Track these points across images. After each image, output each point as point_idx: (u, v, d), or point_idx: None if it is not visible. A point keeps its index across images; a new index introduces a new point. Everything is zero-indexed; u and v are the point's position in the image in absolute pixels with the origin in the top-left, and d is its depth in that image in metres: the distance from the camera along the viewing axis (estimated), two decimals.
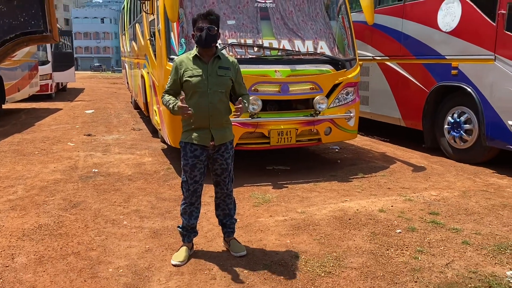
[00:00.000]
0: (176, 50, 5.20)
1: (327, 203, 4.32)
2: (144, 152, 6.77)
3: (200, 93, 2.90)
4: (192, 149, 2.97)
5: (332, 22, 5.97)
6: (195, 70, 2.91)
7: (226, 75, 2.96)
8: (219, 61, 2.96)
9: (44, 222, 3.80)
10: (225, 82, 2.96)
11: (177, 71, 2.98)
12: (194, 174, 3.02)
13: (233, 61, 3.05)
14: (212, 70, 2.92)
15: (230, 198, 3.22)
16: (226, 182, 3.13)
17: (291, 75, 5.22)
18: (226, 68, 2.96)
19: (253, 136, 5.21)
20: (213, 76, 2.91)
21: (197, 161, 2.99)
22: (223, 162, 3.06)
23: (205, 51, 2.94)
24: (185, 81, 2.93)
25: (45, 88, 15.39)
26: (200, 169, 3.02)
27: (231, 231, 3.28)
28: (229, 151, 3.08)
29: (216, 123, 2.95)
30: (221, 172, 3.09)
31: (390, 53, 7.15)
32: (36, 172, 5.54)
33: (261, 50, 5.38)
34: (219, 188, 3.17)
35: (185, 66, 2.94)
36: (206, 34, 2.86)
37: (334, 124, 5.43)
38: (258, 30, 5.51)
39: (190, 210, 3.14)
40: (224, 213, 3.25)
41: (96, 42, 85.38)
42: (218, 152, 3.03)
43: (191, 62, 2.95)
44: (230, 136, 3.08)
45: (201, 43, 2.90)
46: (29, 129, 9.01)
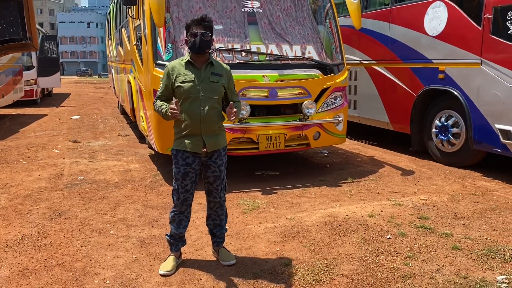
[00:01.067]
0: (162, 56, 5.14)
1: (317, 208, 4.29)
2: (131, 158, 6.67)
3: (192, 99, 2.85)
4: (184, 157, 2.92)
5: (320, 26, 5.97)
6: (187, 75, 2.86)
7: (219, 81, 2.91)
8: (212, 67, 2.92)
9: (28, 233, 3.71)
10: (218, 89, 2.91)
11: (169, 77, 2.92)
12: (185, 183, 2.95)
13: (226, 68, 3.01)
14: (204, 76, 2.88)
15: (222, 208, 3.15)
16: (219, 190, 3.06)
17: (279, 80, 5.20)
18: (218, 75, 2.92)
19: (242, 141, 5.17)
20: (206, 82, 2.87)
21: (189, 169, 2.92)
22: (216, 169, 2.99)
23: (198, 57, 2.91)
24: (177, 86, 2.87)
25: (30, 94, 15.16)
26: (191, 178, 2.95)
27: (221, 241, 3.21)
28: (222, 157, 3.02)
29: (208, 129, 2.90)
30: (214, 179, 3.02)
31: (377, 57, 7.17)
32: (20, 180, 5.42)
33: (248, 55, 5.34)
34: (211, 197, 3.09)
35: (177, 72, 2.89)
36: (200, 40, 2.81)
37: (323, 129, 5.41)
38: (245, 35, 5.48)
39: (179, 218, 3.07)
40: (215, 223, 3.18)
41: (82, 47, 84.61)
42: (211, 159, 2.97)
43: (183, 67, 2.90)
44: (223, 143, 3.03)
45: (195, 49, 2.86)
46: (13, 136, 8.84)
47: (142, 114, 6.30)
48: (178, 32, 5.27)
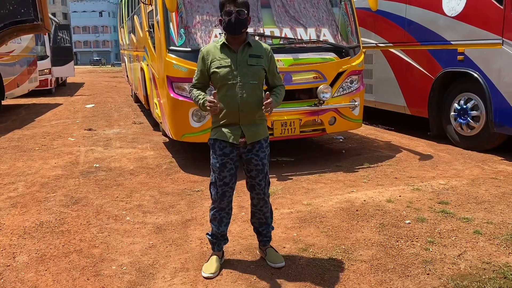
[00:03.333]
0: (175, 41, 5.08)
1: (333, 194, 4.23)
2: (146, 146, 6.68)
3: (229, 86, 2.60)
4: (221, 147, 2.68)
5: (335, 8, 5.83)
6: (223, 60, 2.61)
7: (258, 64, 2.64)
8: (249, 49, 2.65)
9: (45, 219, 3.73)
10: (257, 72, 2.64)
11: (204, 62, 2.68)
12: (223, 175, 2.70)
13: (266, 48, 2.72)
14: (242, 59, 2.62)
15: (267, 205, 2.88)
16: (263, 185, 2.78)
17: (293, 64, 5.10)
18: (257, 56, 2.64)
19: None
20: (243, 66, 2.61)
21: (227, 160, 2.68)
22: (259, 163, 2.72)
23: (234, 38, 2.63)
24: (213, 72, 2.64)
25: (44, 83, 15.27)
26: (230, 170, 2.71)
27: (268, 240, 2.97)
28: (265, 149, 2.75)
29: (247, 119, 2.65)
30: (256, 173, 2.74)
31: (393, 40, 7.01)
32: (36, 168, 5.46)
33: (262, 39, 5.24)
34: (254, 193, 2.82)
35: (212, 56, 2.65)
36: (235, 19, 2.54)
37: (339, 114, 5.32)
38: (258, 19, 5.38)
39: (220, 216, 2.83)
40: (260, 222, 2.94)
41: (95, 36, 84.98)
42: (251, 152, 2.71)
43: (218, 51, 2.65)
44: (263, 133, 2.75)
45: (230, 29, 2.59)
46: (29, 125, 8.92)
47: (155, 101, 6.27)
48: (191, 17, 5.20)
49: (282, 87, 2.85)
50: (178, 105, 5.00)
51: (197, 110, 4.92)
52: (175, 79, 5.01)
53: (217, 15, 5.25)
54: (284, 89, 2.86)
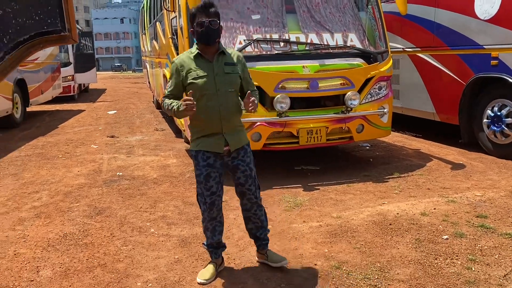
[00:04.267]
0: None
1: (364, 206, 4.06)
2: (169, 153, 6.61)
3: (208, 96, 2.60)
4: (205, 157, 2.67)
5: (361, 13, 5.67)
6: (200, 70, 2.61)
7: (234, 71, 2.66)
8: (224, 57, 2.66)
9: (69, 231, 3.66)
10: (234, 80, 2.67)
11: (179, 73, 2.66)
12: (209, 185, 2.69)
13: (239, 55, 2.75)
14: (218, 68, 2.62)
15: (261, 208, 2.89)
16: (253, 190, 2.79)
17: (320, 70, 4.96)
18: (232, 64, 2.67)
19: (281, 135, 4.98)
20: (221, 74, 2.62)
21: (211, 170, 2.67)
22: (246, 168, 2.73)
23: (208, 48, 2.64)
24: (190, 83, 2.61)
25: (68, 90, 15.47)
26: (215, 178, 2.70)
27: (266, 243, 2.98)
28: (249, 154, 2.77)
29: (229, 126, 2.67)
30: (245, 179, 2.75)
31: (422, 44, 6.79)
32: (60, 176, 5.44)
33: (287, 45, 5.13)
34: (246, 199, 2.82)
35: (188, 67, 2.63)
36: (208, 29, 2.56)
37: (367, 121, 5.15)
38: (283, 24, 5.27)
39: (212, 226, 2.84)
40: (257, 226, 2.93)
41: (116, 43, 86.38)
42: (237, 158, 2.72)
43: (193, 62, 2.63)
44: (245, 139, 2.79)
45: (204, 40, 2.60)
46: (53, 132, 8.98)
47: None
48: None
49: (256, 91, 2.85)
50: None
51: None
52: None
53: (241, 22, 5.17)
54: (257, 93, 2.85)
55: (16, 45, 1.26)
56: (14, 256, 3.20)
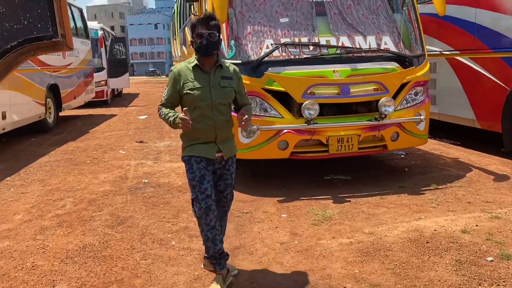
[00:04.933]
0: (225, 54, 4.85)
1: (399, 221, 3.78)
2: None
3: (203, 107, 2.65)
4: (198, 160, 2.70)
5: (396, 15, 5.39)
6: (196, 82, 2.66)
7: (230, 85, 2.72)
8: (221, 70, 2.73)
9: (89, 242, 3.56)
10: (229, 94, 2.73)
11: (176, 83, 2.71)
12: (204, 187, 2.67)
13: (235, 69, 2.82)
14: (214, 81, 2.68)
15: (226, 218, 3.03)
16: (228, 198, 2.90)
17: (351, 75, 4.71)
18: (229, 78, 2.73)
19: (310, 144, 4.75)
20: (216, 87, 2.68)
21: (205, 172, 2.69)
22: (228, 177, 2.84)
23: (207, 60, 2.71)
24: (186, 93, 2.67)
25: (100, 95, 15.71)
26: (209, 181, 2.71)
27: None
28: (233, 164, 2.87)
29: (222, 136, 2.74)
30: (225, 187, 2.84)
31: (461, 47, 6.42)
32: (86, 183, 5.40)
33: (317, 49, 4.90)
34: (220, 206, 2.87)
35: (185, 77, 2.69)
36: (207, 41, 2.61)
37: (402, 129, 4.85)
38: (313, 27, 5.05)
39: (212, 235, 2.75)
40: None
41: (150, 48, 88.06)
42: (225, 168, 2.80)
43: (191, 72, 2.70)
44: (236, 149, 2.89)
45: (202, 51, 2.66)
46: (83, 137, 9.06)
47: None
48: (242, 27, 4.95)
49: (250, 105, 2.94)
50: None
51: None
52: None
53: (269, 25, 4.99)
54: (251, 107, 2.96)
55: (3, 53, 1.12)
56: (32, 268, 3.12)
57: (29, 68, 8.61)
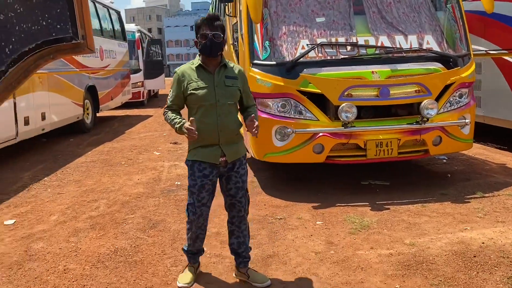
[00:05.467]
0: (259, 55, 4.74)
1: (442, 232, 3.54)
2: None
3: (207, 107, 2.64)
4: (201, 168, 2.69)
5: (439, 12, 5.12)
6: (200, 81, 2.66)
7: (234, 85, 2.71)
8: (225, 70, 2.72)
9: (120, 246, 3.53)
10: (234, 93, 2.71)
11: (180, 84, 2.71)
12: (202, 196, 2.72)
13: (240, 70, 2.81)
14: (219, 80, 2.67)
15: (245, 223, 2.90)
16: (243, 202, 2.81)
17: (391, 76, 4.50)
18: (233, 78, 2.72)
19: (346, 148, 4.57)
20: (221, 87, 2.66)
21: (206, 181, 2.70)
22: (239, 180, 2.76)
23: (210, 60, 2.71)
24: (190, 94, 2.66)
25: (137, 96, 15.95)
26: (208, 190, 2.74)
27: (247, 260, 2.92)
28: (244, 166, 2.80)
29: (226, 138, 2.68)
30: (236, 191, 2.77)
31: (509, 46, 6.04)
32: (120, 184, 5.42)
33: (355, 49, 4.72)
34: (235, 211, 2.83)
35: (189, 78, 2.68)
36: (211, 42, 2.62)
37: (445, 133, 4.58)
38: (351, 27, 4.87)
39: (196, 234, 2.87)
40: (239, 242, 2.90)
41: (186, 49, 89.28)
42: (232, 169, 2.73)
43: (194, 73, 2.69)
44: (243, 151, 2.82)
45: (206, 52, 2.67)
46: (119, 137, 9.18)
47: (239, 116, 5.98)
48: (277, 28, 4.83)
49: (255, 106, 2.91)
50: (261, 122, 4.59)
51: (281, 128, 4.52)
52: (258, 94, 4.64)
53: (305, 25, 4.84)
54: (256, 108, 2.92)
55: (21, 56, 1.05)
56: (63, 272, 3.10)
57: (68, 70, 8.81)
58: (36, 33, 1.05)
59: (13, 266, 3.20)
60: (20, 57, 1.06)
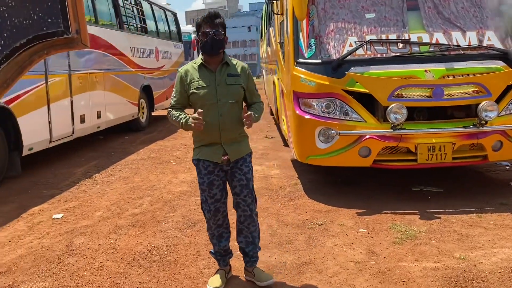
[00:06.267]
0: (304, 53, 4.59)
1: (498, 246, 3.22)
2: (273, 163, 6.32)
3: (208, 106, 2.61)
4: (206, 165, 2.69)
5: (504, 6, 4.69)
6: (202, 80, 2.64)
7: (237, 83, 2.68)
8: (227, 68, 2.69)
9: (157, 244, 3.53)
10: (236, 91, 2.68)
11: (183, 83, 2.70)
12: (213, 192, 2.71)
13: (243, 67, 2.77)
14: (220, 79, 2.65)
15: (254, 223, 2.83)
16: (248, 201, 2.76)
17: (446, 75, 4.19)
18: (236, 75, 2.69)
19: (396, 151, 4.31)
20: (222, 85, 2.64)
21: (213, 177, 2.69)
22: (242, 177, 2.71)
23: (212, 58, 2.68)
24: (192, 93, 2.65)
25: None
26: (219, 186, 2.71)
27: (254, 260, 2.88)
28: (248, 164, 2.76)
29: (228, 137, 2.67)
30: (240, 189, 2.73)
31: None
32: (165, 182, 5.48)
33: (407, 46, 4.44)
34: (240, 210, 2.79)
35: (191, 77, 2.67)
36: (212, 39, 2.59)
37: (507, 137, 4.20)
38: (404, 23, 4.60)
39: (219, 232, 2.84)
40: (247, 241, 2.85)
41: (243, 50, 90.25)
42: (235, 167, 2.71)
43: (196, 71, 2.68)
44: (246, 149, 2.78)
45: (207, 50, 2.64)
46: (171, 136, 9.36)
47: (283, 117, 5.87)
48: (324, 25, 4.66)
49: (260, 103, 2.87)
50: (304, 123, 4.48)
51: (325, 129, 4.35)
52: (302, 94, 4.51)
53: (354, 21, 4.64)
54: (263, 105, 2.88)
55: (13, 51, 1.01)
56: (99, 268, 3.15)
57: (124, 70, 9.11)
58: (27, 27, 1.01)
59: (53, 260, 3.30)
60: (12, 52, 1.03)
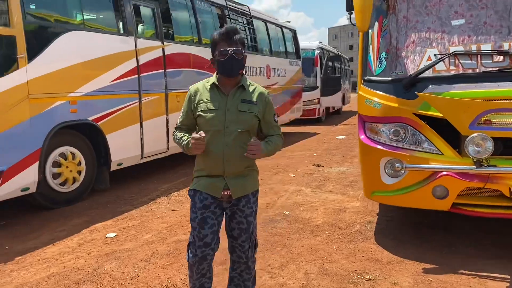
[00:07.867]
0: (373, 69, 3.89)
1: None
2: (358, 193, 5.59)
3: (213, 132, 2.28)
4: (202, 198, 2.33)
5: None
6: (211, 103, 2.31)
7: (250, 110, 2.31)
8: (242, 93, 2.34)
9: (174, 281, 3.25)
10: (247, 120, 2.30)
11: (190, 103, 2.39)
12: (204, 233, 2.29)
13: (262, 93, 2.39)
14: (232, 103, 2.31)
15: (249, 271, 2.49)
16: (246, 247, 2.40)
17: None
18: (250, 102, 2.33)
19: (483, 194, 3.33)
20: (233, 111, 2.29)
21: (208, 214, 2.30)
22: (243, 220, 2.36)
23: (228, 80, 2.34)
24: (198, 116, 2.33)
25: (312, 113, 15.93)
26: (212, 227, 2.30)
27: None
28: (252, 205, 2.39)
29: (232, 170, 2.31)
30: (239, 233, 2.37)
31: None
32: None
33: (506, 59, 3.43)
34: (235, 255, 2.45)
35: (200, 97, 2.35)
36: (231, 59, 2.25)
37: None
38: (509, 30, 3.59)
39: (200, 283, 2.40)
40: None
41: None
42: (236, 206, 2.35)
43: (207, 92, 2.35)
44: (252, 187, 2.40)
45: (227, 72, 2.30)
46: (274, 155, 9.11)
47: None
48: (403, 36, 3.90)
49: (279, 136, 2.48)
50: (369, 152, 3.79)
51: (392, 161, 3.59)
52: (367, 118, 3.83)
53: (436, 30, 3.80)
54: (281, 139, 2.48)
55: None
56: None
57: None
58: None
59: (71, 285, 3.26)
60: None
